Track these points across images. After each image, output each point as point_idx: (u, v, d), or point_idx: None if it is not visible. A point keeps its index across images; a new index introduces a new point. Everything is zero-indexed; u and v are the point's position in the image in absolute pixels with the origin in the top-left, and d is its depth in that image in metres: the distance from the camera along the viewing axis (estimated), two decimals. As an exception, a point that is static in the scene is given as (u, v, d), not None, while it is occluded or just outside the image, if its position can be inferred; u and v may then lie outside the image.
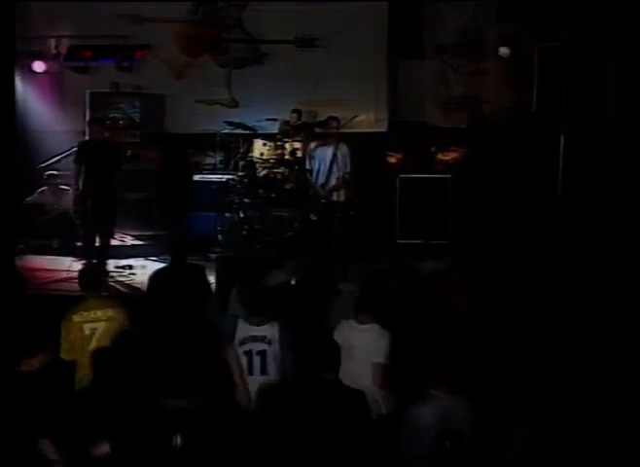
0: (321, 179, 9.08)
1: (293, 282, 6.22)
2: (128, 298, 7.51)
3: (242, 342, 5.05)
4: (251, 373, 5.05)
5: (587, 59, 9.64)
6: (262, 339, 5.06)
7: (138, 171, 10.45)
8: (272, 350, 5.08)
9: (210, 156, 11.04)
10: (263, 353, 5.06)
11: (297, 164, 9.67)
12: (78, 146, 8.99)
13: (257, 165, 9.86)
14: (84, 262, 8.22)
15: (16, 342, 4.54)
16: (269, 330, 5.12)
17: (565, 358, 5.18)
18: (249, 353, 5.04)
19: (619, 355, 5.53)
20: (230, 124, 10.47)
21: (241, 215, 9.68)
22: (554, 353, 5.37)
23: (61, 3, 10.94)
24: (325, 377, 4.32)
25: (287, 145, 9.79)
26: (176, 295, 6.06)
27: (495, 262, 8.21)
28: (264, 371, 5.05)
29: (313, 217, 9.19)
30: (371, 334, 5.35)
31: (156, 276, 6.92)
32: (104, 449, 4.25)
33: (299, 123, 10.32)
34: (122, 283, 8.52)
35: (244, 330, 5.09)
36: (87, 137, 9.10)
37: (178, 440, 4.34)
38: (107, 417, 4.25)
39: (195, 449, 4.37)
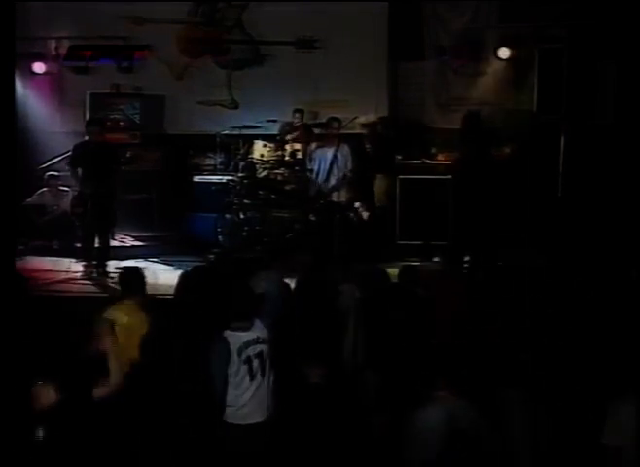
0: (321, 180, 9.06)
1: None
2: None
3: (240, 352, 4.80)
4: (252, 378, 4.83)
5: (587, 60, 9.65)
6: (255, 341, 4.85)
7: (138, 172, 10.44)
8: (267, 348, 4.90)
9: (210, 157, 11.02)
10: (260, 355, 4.84)
11: (297, 165, 9.66)
12: (73, 148, 8.97)
13: (257, 166, 9.86)
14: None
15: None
16: (259, 330, 4.92)
17: (565, 358, 5.17)
18: (248, 360, 4.81)
19: (619, 356, 5.52)
20: (235, 128, 10.46)
21: (241, 216, 9.68)
22: (555, 353, 5.36)
23: (61, 3, 10.96)
24: None
25: (287, 146, 9.79)
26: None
27: (494, 262, 8.22)
28: (263, 372, 4.84)
29: (313, 218, 9.19)
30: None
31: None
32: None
33: (300, 123, 10.31)
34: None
35: (236, 339, 4.81)
36: (85, 138, 9.09)
37: None
38: None
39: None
